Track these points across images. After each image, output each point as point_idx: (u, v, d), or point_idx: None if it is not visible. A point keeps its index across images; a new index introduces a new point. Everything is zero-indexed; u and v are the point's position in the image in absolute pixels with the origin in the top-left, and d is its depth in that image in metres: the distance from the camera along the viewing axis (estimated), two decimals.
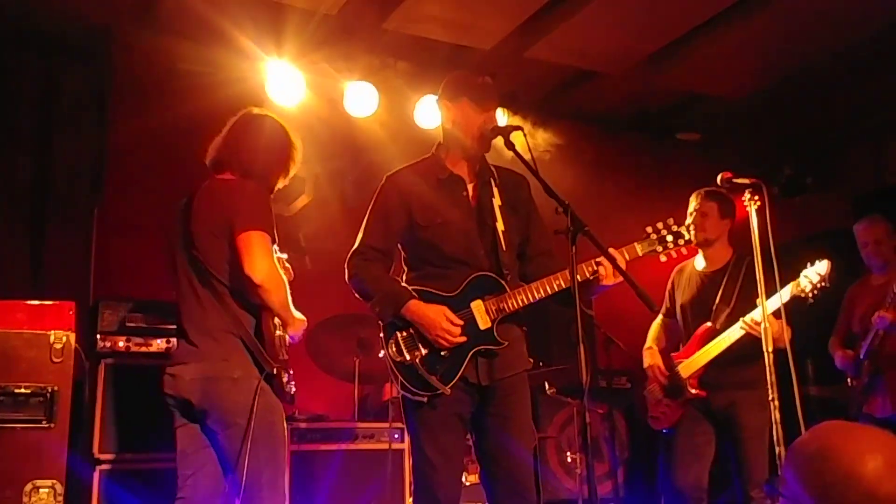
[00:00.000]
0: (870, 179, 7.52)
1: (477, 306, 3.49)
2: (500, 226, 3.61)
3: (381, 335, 3.55)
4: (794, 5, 5.86)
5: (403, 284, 3.60)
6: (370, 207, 3.71)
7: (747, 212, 7.27)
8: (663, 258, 3.65)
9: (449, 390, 3.40)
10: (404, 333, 3.49)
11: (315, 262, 5.83)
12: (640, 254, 3.58)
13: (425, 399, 3.42)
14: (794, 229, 5.83)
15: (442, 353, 3.44)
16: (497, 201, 3.65)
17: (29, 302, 3.19)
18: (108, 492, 4.48)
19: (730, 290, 4.75)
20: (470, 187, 3.68)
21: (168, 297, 5.04)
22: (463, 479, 4.97)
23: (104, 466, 4.52)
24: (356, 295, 3.65)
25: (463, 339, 3.44)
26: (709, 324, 4.71)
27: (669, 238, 3.59)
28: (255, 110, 3.88)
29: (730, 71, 6.81)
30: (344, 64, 6.34)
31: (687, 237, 3.62)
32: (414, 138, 6.70)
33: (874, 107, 7.20)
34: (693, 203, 4.91)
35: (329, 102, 6.47)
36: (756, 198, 4.16)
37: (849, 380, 5.51)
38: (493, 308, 3.49)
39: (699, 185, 5.32)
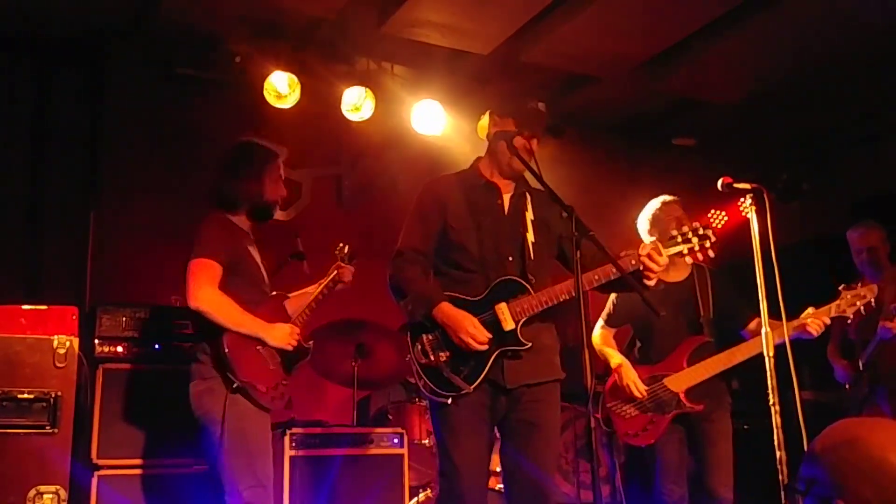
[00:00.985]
0: (867, 184, 7.54)
1: (500, 308, 3.53)
2: (530, 237, 3.68)
3: (408, 338, 3.59)
4: (790, 11, 5.88)
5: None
6: (411, 211, 3.81)
7: (743, 217, 7.30)
8: (689, 260, 3.72)
9: (472, 389, 3.44)
10: (430, 336, 3.54)
11: (313, 267, 5.79)
12: (665, 255, 3.60)
13: (448, 400, 3.45)
14: (791, 234, 5.83)
15: (466, 354, 3.47)
16: (530, 215, 3.73)
17: (32, 307, 3.17)
18: (106, 498, 4.45)
19: (706, 302, 4.74)
20: (506, 197, 3.76)
21: (165, 302, 5.06)
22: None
23: (103, 472, 4.48)
24: (392, 295, 3.69)
25: (485, 346, 3.47)
26: (707, 338, 4.70)
27: (695, 240, 3.65)
28: (239, 140, 4.20)
29: (726, 76, 6.82)
30: (341, 68, 6.33)
31: (714, 239, 3.68)
32: (411, 143, 6.72)
33: (871, 111, 7.23)
34: (670, 209, 4.85)
35: (326, 106, 6.46)
36: (752, 203, 4.13)
37: (847, 386, 5.53)
38: (517, 309, 3.52)
39: (695, 190, 5.33)
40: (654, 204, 4.90)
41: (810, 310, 4.56)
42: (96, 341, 4.71)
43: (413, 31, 6.06)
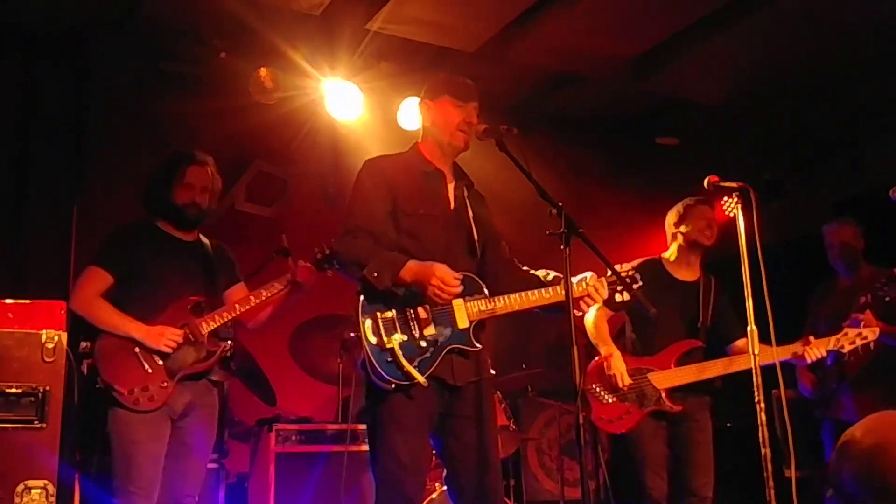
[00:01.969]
0: (849, 185, 7.59)
1: (458, 305, 3.43)
2: (474, 233, 3.62)
3: (358, 311, 3.35)
4: (773, 13, 5.91)
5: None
6: (353, 191, 3.61)
7: (727, 216, 7.35)
8: (617, 298, 3.61)
9: (426, 381, 3.29)
10: (387, 314, 3.35)
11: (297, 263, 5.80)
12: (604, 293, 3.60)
13: (392, 386, 3.28)
14: (773, 234, 5.85)
15: (422, 344, 3.33)
16: (469, 211, 3.66)
17: (19, 301, 3.15)
18: (89, 495, 4.42)
19: (707, 309, 4.79)
20: (450, 187, 3.67)
21: None
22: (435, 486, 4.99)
23: (86, 469, 4.46)
24: (346, 272, 3.50)
25: (460, 288, 3.36)
26: (700, 343, 4.76)
27: (627, 281, 3.60)
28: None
29: (710, 76, 6.85)
30: (326, 64, 6.32)
31: (640, 284, 3.63)
32: (397, 139, 6.68)
33: (853, 112, 7.27)
34: (704, 210, 4.92)
35: (311, 102, 6.45)
36: (737, 202, 4.16)
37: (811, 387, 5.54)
38: (475, 310, 3.44)
39: (678, 189, 5.34)
40: (688, 202, 4.98)
41: (811, 338, 4.70)
42: (80, 337, 4.71)
43: (399, 27, 6.06)
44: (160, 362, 3.91)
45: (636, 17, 6.07)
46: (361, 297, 3.38)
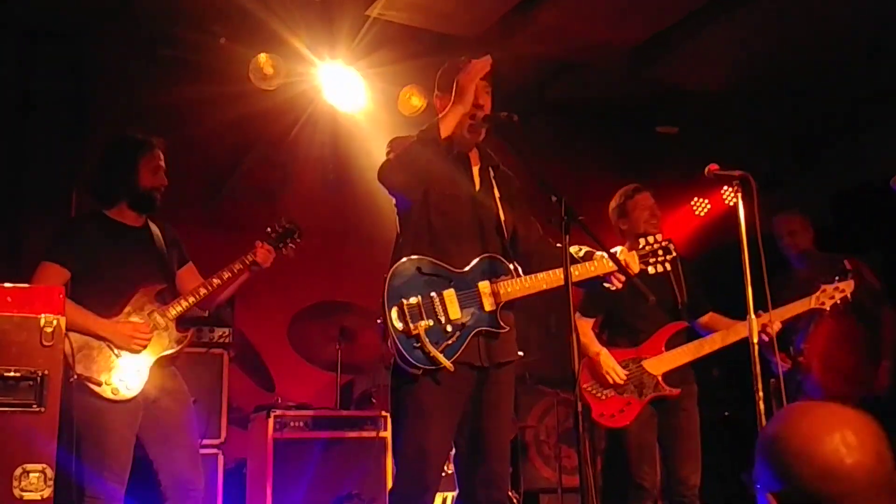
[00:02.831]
0: (848, 175, 7.59)
1: (484, 287, 3.45)
2: (501, 214, 3.63)
3: (384, 300, 3.35)
4: (774, 2, 5.90)
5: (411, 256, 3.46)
6: (390, 155, 3.59)
7: (726, 205, 7.36)
8: (651, 270, 3.72)
9: (452, 366, 3.31)
10: (412, 300, 3.35)
11: (296, 250, 5.80)
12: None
13: (420, 371, 3.30)
14: (771, 224, 5.87)
15: (448, 329, 3.35)
16: (496, 192, 3.67)
17: (17, 286, 3.14)
18: (88, 480, 4.42)
19: (680, 289, 4.80)
20: (475, 170, 3.69)
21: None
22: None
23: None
24: (391, 175, 3.47)
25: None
26: (686, 324, 4.75)
27: (661, 254, 3.70)
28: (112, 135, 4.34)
29: (711, 65, 6.83)
30: (326, 50, 6.30)
31: (674, 254, 3.73)
32: (397, 125, 6.69)
33: (853, 102, 7.26)
34: (648, 199, 4.88)
35: (311, 88, 6.44)
36: (737, 191, 4.15)
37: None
38: (500, 291, 3.46)
39: (678, 178, 5.36)
40: (625, 193, 4.91)
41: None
42: None
43: (399, 14, 6.03)
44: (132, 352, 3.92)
45: (636, 5, 6.04)
46: (387, 284, 3.37)
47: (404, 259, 3.42)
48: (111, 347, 3.87)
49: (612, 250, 3.56)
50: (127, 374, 3.87)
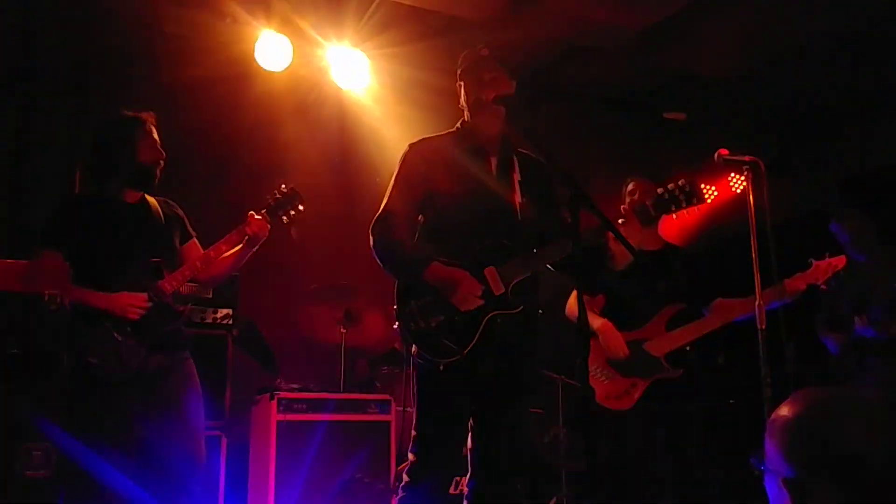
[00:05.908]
0: (856, 162, 7.55)
1: (490, 273, 3.48)
2: (517, 198, 3.64)
3: (395, 305, 3.51)
4: None
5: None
6: (394, 175, 3.71)
7: (733, 192, 7.30)
8: (675, 217, 3.71)
9: (465, 354, 3.38)
10: (420, 301, 3.45)
11: (301, 233, 5.78)
12: (654, 214, 3.67)
13: (441, 366, 3.39)
14: (779, 210, 5.83)
15: (456, 318, 3.41)
16: (517, 176, 3.68)
17: (23, 262, 3.12)
18: (89, 459, 4.42)
19: (686, 273, 4.77)
20: (493, 160, 3.70)
21: None
22: None
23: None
24: (378, 261, 3.59)
25: (481, 301, 3.43)
26: (684, 305, 4.72)
27: (682, 198, 3.65)
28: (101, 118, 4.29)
29: (719, 51, 6.80)
30: (333, 32, 6.27)
31: (698, 194, 3.67)
32: (402, 109, 6.67)
33: (861, 89, 7.22)
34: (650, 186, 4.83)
35: (317, 71, 6.41)
36: (744, 177, 4.12)
37: (831, 358, 5.57)
38: (506, 273, 3.48)
39: (685, 163, 5.31)
40: (628, 186, 4.87)
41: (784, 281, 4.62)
42: None
43: None
44: (129, 329, 3.88)
45: None
46: (397, 289, 3.51)
47: None
48: (108, 326, 3.83)
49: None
50: (124, 352, 3.83)
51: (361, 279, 5.53)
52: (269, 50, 6.08)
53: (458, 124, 3.81)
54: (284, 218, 4.19)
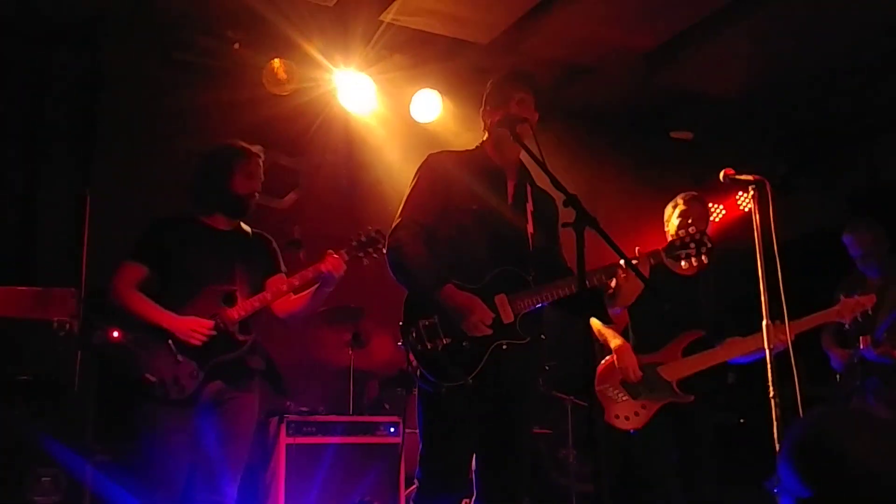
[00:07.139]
0: (863, 179, 7.55)
1: (500, 300, 3.45)
2: (529, 228, 3.63)
3: (401, 324, 3.46)
4: (790, 6, 5.87)
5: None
6: (413, 182, 3.68)
7: (740, 211, 7.29)
8: (684, 265, 3.66)
9: (471, 381, 3.35)
10: (427, 322, 3.41)
11: (310, 255, 5.79)
12: (665, 260, 3.63)
13: (444, 389, 3.36)
14: (787, 228, 5.81)
15: (464, 344, 3.38)
16: (530, 206, 3.69)
17: (32, 288, 3.15)
18: (100, 484, 4.43)
19: (709, 299, 4.76)
20: (510, 184, 3.70)
21: None
22: None
23: (97, 458, 4.46)
24: (390, 269, 3.54)
25: (490, 331, 3.39)
26: (703, 333, 4.72)
27: (693, 246, 3.61)
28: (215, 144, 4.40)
29: (725, 70, 6.81)
30: (340, 55, 6.31)
31: (710, 246, 3.64)
32: (410, 132, 6.70)
33: (868, 106, 7.23)
34: (681, 206, 4.84)
35: (325, 93, 6.44)
36: (751, 196, 4.12)
37: (838, 377, 5.55)
38: (517, 303, 3.46)
39: (692, 183, 5.31)
40: (683, 198, 4.87)
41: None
42: (92, 326, 4.71)
43: (413, 19, 6.04)
44: (191, 353, 3.90)
45: (650, 10, 6.04)
46: (405, 306, 3.47)
47: None
48: (172, 347, 3.86)
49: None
50: (182, 375, 3.87)
51: (369, 301, 5.53)
52: (277, 75, 6.12)
53: (478, 144, 3.80)
54: (366, 260, 4.21)
